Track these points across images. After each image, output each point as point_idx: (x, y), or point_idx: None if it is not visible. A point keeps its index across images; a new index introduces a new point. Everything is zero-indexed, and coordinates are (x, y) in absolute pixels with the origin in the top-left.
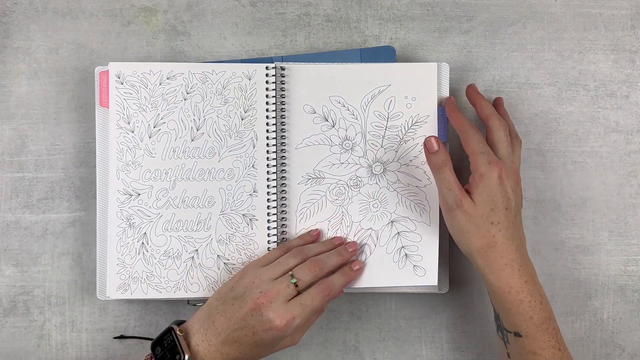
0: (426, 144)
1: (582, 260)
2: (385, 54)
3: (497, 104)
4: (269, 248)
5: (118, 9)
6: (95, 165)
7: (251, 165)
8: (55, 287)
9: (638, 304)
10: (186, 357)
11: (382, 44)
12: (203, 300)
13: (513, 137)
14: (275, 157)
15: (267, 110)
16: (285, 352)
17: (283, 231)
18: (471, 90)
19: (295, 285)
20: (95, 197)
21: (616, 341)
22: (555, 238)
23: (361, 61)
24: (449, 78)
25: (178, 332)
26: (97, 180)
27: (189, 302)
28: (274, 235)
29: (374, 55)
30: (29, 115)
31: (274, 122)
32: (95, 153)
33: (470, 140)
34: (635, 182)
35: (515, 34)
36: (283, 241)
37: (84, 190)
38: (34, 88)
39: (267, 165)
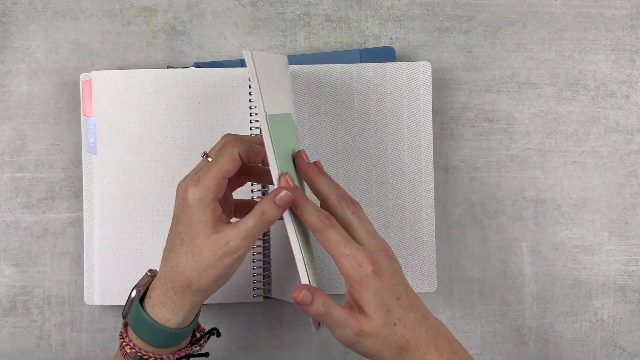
0: (299, 302)
1: (582, 260)
2: (385, 54)
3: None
4: (257, 253)
5: (118, 9)
6: None
7: None
8: (55, 287)
9: (638, 304)
10: (133, 292)
11: (382, 44)
12: None
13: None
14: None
15: (250, 115)
16: (285, 352)
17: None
18: (301, 162)
19: (206, 156)
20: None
21: (617, 341)
22: (556, 238)
23: (361, 61)
24: (447, 78)
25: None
26: (84, 188)
27: None
28: (260, 239)
29: (374, 55)
30: (29, 115)
31: (259, 127)
32: None
33: (327, 243)
34: (635, 182)
35: (515, 33)
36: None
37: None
38: (34, 88)
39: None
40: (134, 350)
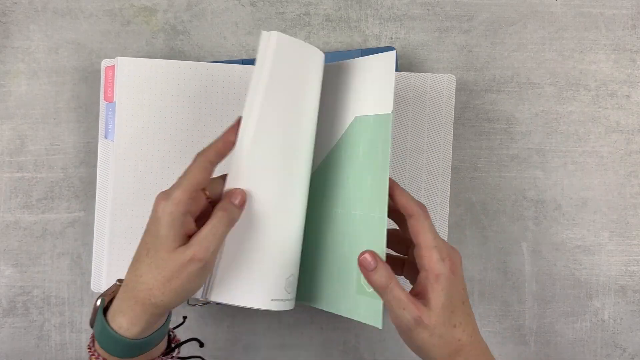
0: (362, 263)
1: (582, 260)
2: None
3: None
4: None
5: (118, 9)
6: (95, 165)
7: None
8: (54, 288)
9: (639, 305)
10: (98, 301)
11: (382, 44)
12: (202, 301)
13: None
14: None
15: None
16: (285, 352)
17: None
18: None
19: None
20: (94, 197)
21: (617, 341)
22: (556, 238)
23: None
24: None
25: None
26: (98, 173)
27: (188, 302)
28: None
29: None
30: (28, 115)
31: None
32: (95, 153)
33: (421, 230)
34: (636, 182)
35: (515, 33)
36: None
37: (84, 190)
38: (34, 88)
39: None
40: None
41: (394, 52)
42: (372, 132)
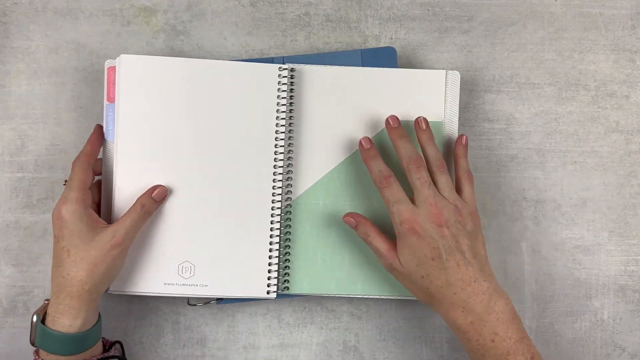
0: (347, 223)
1: (582, 260)
2: (386, 55)
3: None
4: (270, 249)
5: (118, 9)
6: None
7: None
8: None
9: (638, 304)
10: (34, 318)
11: (382, 44)
12: (203, 300)
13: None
14: (282, 158)
15: (277, 111)
16: (285, 352)
17: (287, 238)
18: (388, 127)
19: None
20: None
21: (616, 341)
22: (556, 238)
23: (362, 61)
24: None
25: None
26: (103, 173)
27: (189, 302)
28: (276, 236)
29: (375, 56)
30: (28, 115)
31: (284, 124)
32: None
33: (383, 197)
34: (635, 182)
35: (515, 33)
36: (286, 248)
37: None
38: (34, 88)
39: (275, 166)
40: None
41: (444, 72)
42: (414, 134)
